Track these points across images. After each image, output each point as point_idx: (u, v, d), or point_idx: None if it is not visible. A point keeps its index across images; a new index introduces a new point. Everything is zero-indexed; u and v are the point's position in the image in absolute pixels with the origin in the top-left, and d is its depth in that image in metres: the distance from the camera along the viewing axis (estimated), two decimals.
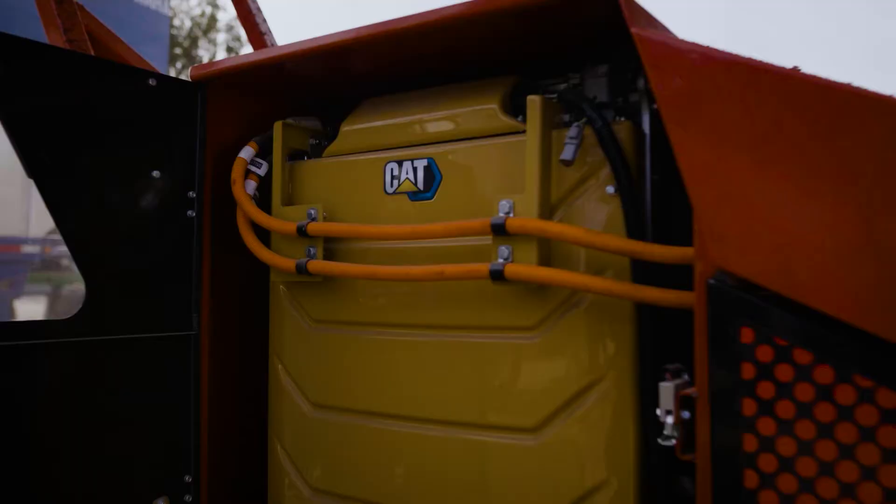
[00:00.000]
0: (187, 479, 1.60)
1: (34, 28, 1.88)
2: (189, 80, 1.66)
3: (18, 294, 7.50)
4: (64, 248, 8.57)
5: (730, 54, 0.99)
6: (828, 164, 0.90)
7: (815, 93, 0.91)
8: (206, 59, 33.68)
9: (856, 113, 0.88)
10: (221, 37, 37.39)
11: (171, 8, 9.70)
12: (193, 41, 33.54)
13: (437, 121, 1.50)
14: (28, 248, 7.48)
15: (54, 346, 1.40)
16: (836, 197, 0.90)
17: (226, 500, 1.70)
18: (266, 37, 3.19)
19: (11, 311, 7.47)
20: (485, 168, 1.40)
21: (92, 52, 2.00)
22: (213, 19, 41.91)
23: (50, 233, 7.83)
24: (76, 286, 9.48)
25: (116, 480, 1.49)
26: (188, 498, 1.59)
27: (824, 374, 0.91)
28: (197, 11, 40.03)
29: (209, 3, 35.83)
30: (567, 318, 1.30)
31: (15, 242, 7.32)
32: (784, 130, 0.94)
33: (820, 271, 0.91)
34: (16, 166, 1.39)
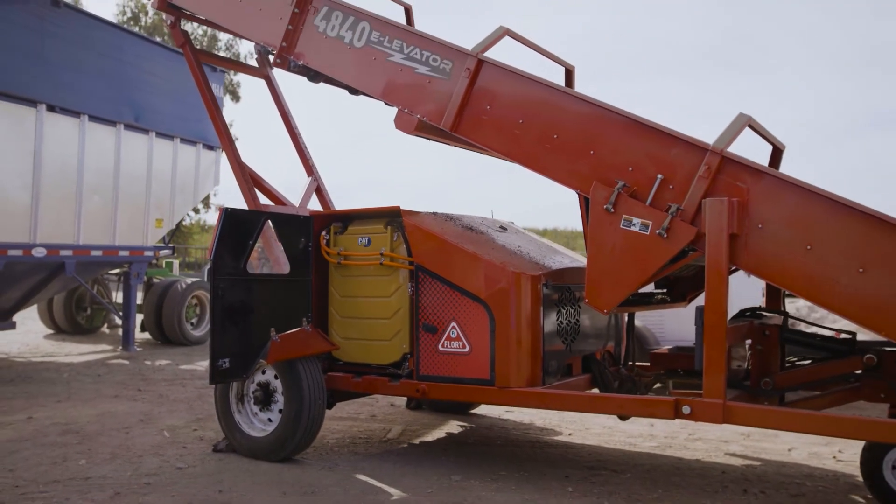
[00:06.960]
0: (309, 316, 6.46)
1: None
2: (308, 215, 6.58)
3: (140, 280, 12.27)
4: (162, 253, 13.36)
5: (436, 235, 5.90)
6: (453, 272, 5.87)
7: (463, 257, 5.88)
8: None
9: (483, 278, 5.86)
10: (221, 55, 41.19)
11: (224, 93, 14.48)
12: None
13: (369, 226, 6.40)
14: (147, 253, 12.25)
15: (286, 279, 6.31)
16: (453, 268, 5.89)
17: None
18: (309, 161, 8.45)
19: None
20: (379, 241, 6.29)
21: (250, 185, 6.97)
22: (213, 39, 45.68)
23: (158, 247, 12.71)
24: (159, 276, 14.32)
25: (295, 315, 6.34)
26: (310, 318, 6.44)
27: (434, 285, 5.88)
28: (199, 31, 44.00)
29: None
30: (397, 272, 6.21)
31: (140, 249, 12.11)
32: (445, 261, 5.90)
33: (440, 266, 5.89)
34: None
